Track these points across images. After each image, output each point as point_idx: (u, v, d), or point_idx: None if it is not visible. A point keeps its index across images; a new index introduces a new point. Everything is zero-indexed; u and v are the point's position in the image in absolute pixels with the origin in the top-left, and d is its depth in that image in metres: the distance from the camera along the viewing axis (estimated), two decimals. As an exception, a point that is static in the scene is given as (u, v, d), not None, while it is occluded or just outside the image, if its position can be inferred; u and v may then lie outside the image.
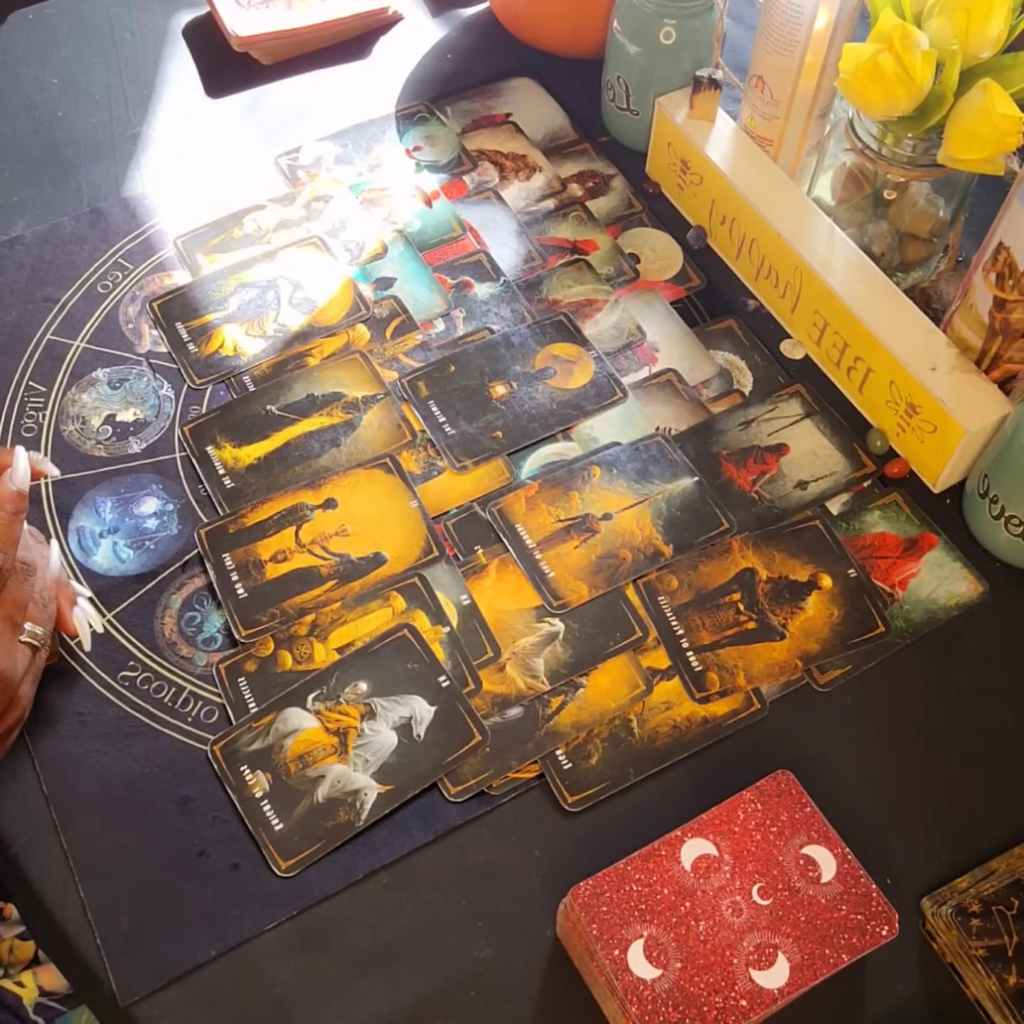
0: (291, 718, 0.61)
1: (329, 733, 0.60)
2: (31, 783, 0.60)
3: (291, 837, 0.58)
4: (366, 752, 0.59)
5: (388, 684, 0.62)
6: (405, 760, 0.59)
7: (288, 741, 0.60)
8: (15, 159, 0.85)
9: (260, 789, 0.59)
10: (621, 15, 0.79)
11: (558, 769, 0.60)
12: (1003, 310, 0.64)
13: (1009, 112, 0.61)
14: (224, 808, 0.59)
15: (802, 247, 0.72)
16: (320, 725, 0.60)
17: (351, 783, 0.59)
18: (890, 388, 0.69)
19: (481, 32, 0.95)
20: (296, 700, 0.61)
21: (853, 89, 0.64)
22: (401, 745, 0.60)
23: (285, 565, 0.66)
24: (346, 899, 0.57)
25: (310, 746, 0.60)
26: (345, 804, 0.58)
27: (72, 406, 0.73)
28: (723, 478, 0.70)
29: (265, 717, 0.61)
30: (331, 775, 0.59)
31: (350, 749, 0.60)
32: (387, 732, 0.60)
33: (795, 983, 0.49)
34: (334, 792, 0.58)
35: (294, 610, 0.64)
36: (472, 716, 0.60)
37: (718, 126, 0.79)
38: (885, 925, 0.50)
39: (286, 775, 0.59)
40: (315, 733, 0.60)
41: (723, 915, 0.50)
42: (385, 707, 0.61)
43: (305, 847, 0.57)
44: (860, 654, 0.64)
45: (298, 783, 0.59)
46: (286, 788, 0.59)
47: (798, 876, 0.51)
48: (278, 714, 0.61)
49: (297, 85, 0.91)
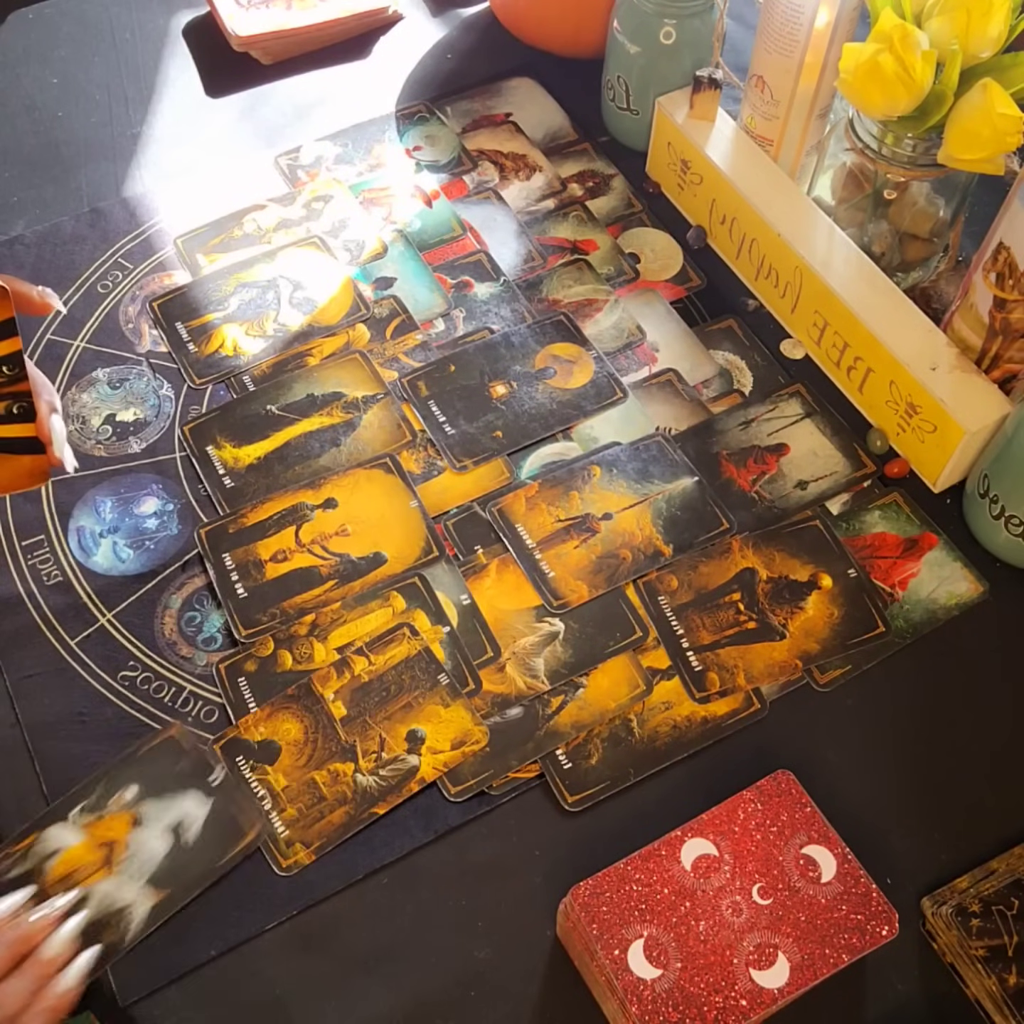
0: (52, 838, 0.57)
1: (95, 848, 0.57)
2: (31, 783, 0.60)
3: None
4: (133, 864, 0.56)
5: (159, 785, 0.59)
6: (176, 864, 0.57)
7: (50, 863, 0.56)
8: (15, 159, 0.85)
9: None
10: (621, 15, 0.79)
11: (558, 769, 0.60)
12: (1003, 310, 0.64)
13: (1009, 112, 0.61)
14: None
15: (802, 247, 0.72)
16: (86, 840, 0.57)
17: (118, 900, 0.56)
18: (890, 388, 0.69)
19: (481, 32, 0.95)
20: (59, 815, 0.58)
21: (853, 89, 0.64)
22: (172, 849, 0.57)
23: (285, 565, 0.66)
24: (346, 899, 0.57)
25: (72, 866, 0.56)
26: (110, 925, 0.55)
27: (72, 406, 0.73)
28: (723, 478, 0.70)
29: (24, 840, 0.57)
30: (96, 895, 0.56)
31: (115, 863, 0.57)
32: (155, 839, 0.57)
33: (795, 983, 0.49)
34: (98, 914, 0.55)
35: (294, 610, 0.64)
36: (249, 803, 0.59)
37: (718, 126, 0.79)
38: (885, 925, 0.50)
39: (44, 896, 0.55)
40: (79, 850, 0.57)
41: (723, 915, 0.50)
42: (153, 813, 0.58)
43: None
44: (860, 654, 0.64)
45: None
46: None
47: (798, 876, 0.51)
48: (39, 835, 0.57)
49: (297, 85, 0.91)
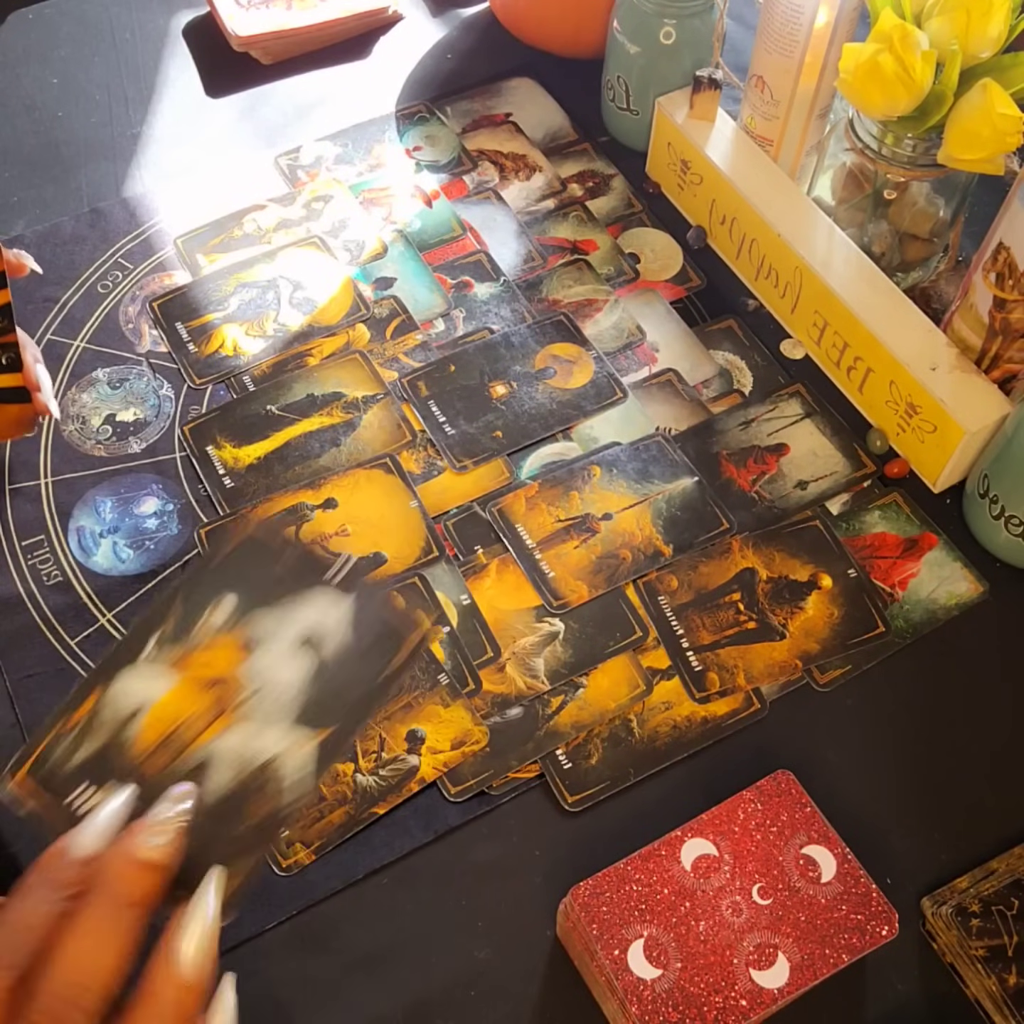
0: (125, 692, 0.41)
1: (196, 692, 0.41)
2: (31, 783, 0.60)
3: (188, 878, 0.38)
4: (264, 702, 0.41)
5: (261, 594, 0.42)
6: (326, 692, 0.41)
7: (133, 729, 0.40)
8: (15, 159, 0.85)
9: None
10: (621, 15, 0.79)
11: (558, 769, 0.60)
12: (1003, 310, 0.64)
13: (1009, 112, 0.61)
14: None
15: (802, 247, 0.72)
16: (178, 684, 0.41)
17: (259, 752, 0.40)
18: (890, 388, 0.69)
19: (481, 32, 0.95)
20: (124, 659, 0.41)
21: (853, 89, 0.64)
22: (313, 673, 0.42)
23: (285, 565, 0.66)
24: (346, 899, 0.57)
25: (169, 725, 0.40)
26: (256, 791, 0.40)
27: (72, 406, 0.73)
28: (723, 478, 0.70)
29: (81, 705, 0.41)
30: (219, 755, 0.40)
31: (234, 708, 0.41)
32: (283, 664, 0.42)
33: (795, 983, 0.49)
34: (233, 779, 0.40)
35: (294, 610, 0.64)
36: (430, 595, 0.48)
37: (718, 126, 0.79)
38: (885, 925, 0.50)
39: (145, 782, 0.39)
40: (173, 700, 0.41)
41: (723, 915, 0.50)
42: (267, 630, 0.42)
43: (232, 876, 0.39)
44: (860, 654, 0.64)
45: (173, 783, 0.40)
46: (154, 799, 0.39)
47: (798, 876, 0.51)
48: (102, 693, 0.41)
49: (297, 85, 0.91)
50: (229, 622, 0.42)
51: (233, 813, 0.40)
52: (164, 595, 0.43)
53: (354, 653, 0.42)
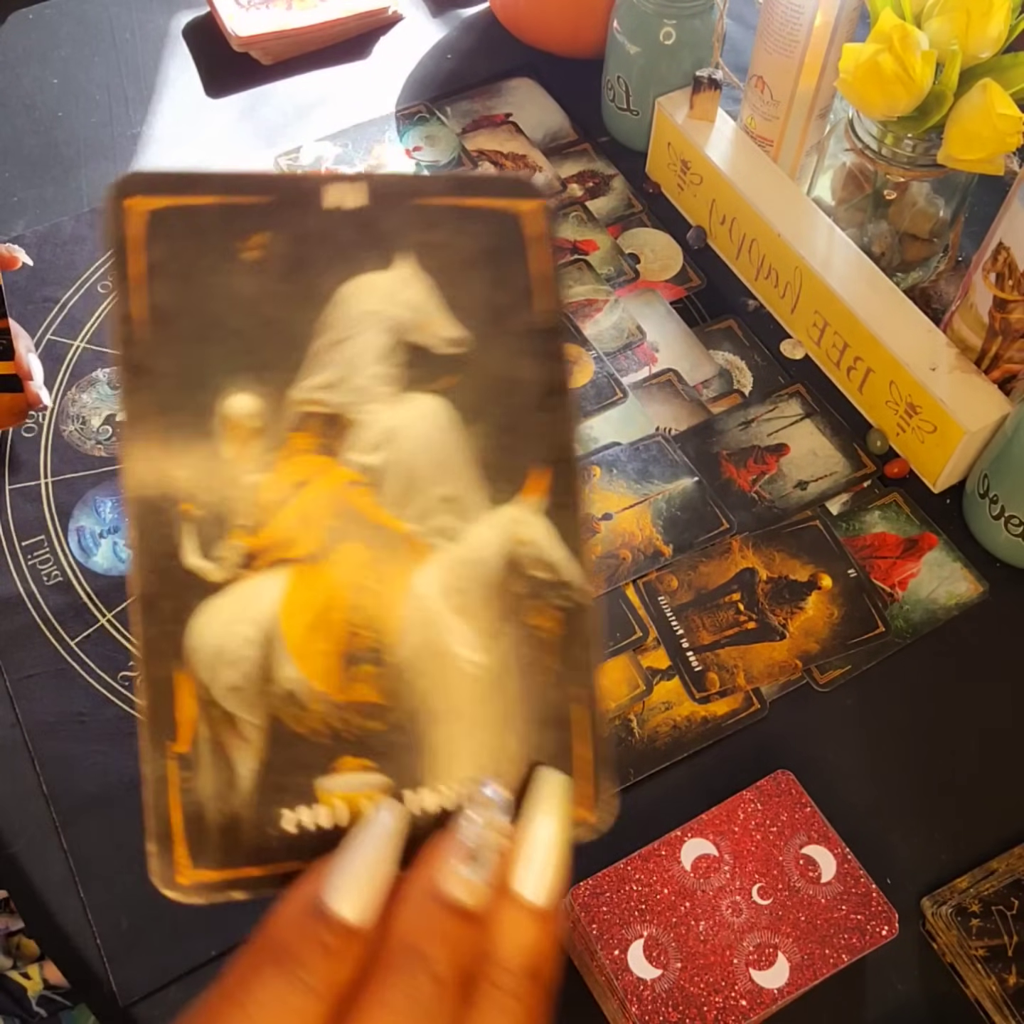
0: (225, 634, 0.28)
1: (321, 538, 0.29)
2: (31, 783, 0.60)
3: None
4: (422, 492, 0.30)
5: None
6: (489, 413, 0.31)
7: (284, 673, 0.28)
8: (15, 159, 0.85)
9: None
10: (621, 15, 0.79)
11: (558, 769, 0.60)
12: (1003, 310, 0.64)
13: (1009, 112, 0.61)
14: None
15: (802, 247, 0.72)
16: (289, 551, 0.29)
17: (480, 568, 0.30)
18: (890, 388, 0.69)
19: (481, 32, 0.95)
20: (184, 590, 0.28)
21: (853, 89, 0.64)
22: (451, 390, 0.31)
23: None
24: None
25: (329, 622, 0.29)
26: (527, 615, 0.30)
27: (72, 406, 0.73)
28: (723, 478, 0.70)
29: (176, 709, 0.28)
30: (429, 605, 0.29)
31: (391, 521, 0.30)
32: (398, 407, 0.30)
33: (795, 983, 0.49)
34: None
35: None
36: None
37: (718, 126, 0.79)
38: (885, 925, 0.50)
39: (367, 743, 0.29)
40: (304, 584, 0.29)
41: (723, 915, 0.50)
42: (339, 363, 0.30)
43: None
44: (860, 654, 0.64)
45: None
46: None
47: (798, 876, 0.51)
48: (191, 663, 0.28)
49: (297, 85, 0.91)
50: (259, 410, 0.29)
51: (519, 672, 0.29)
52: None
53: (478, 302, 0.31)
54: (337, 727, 0.28)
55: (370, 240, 0.30)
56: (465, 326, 0.31)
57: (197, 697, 0.28)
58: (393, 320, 0.30)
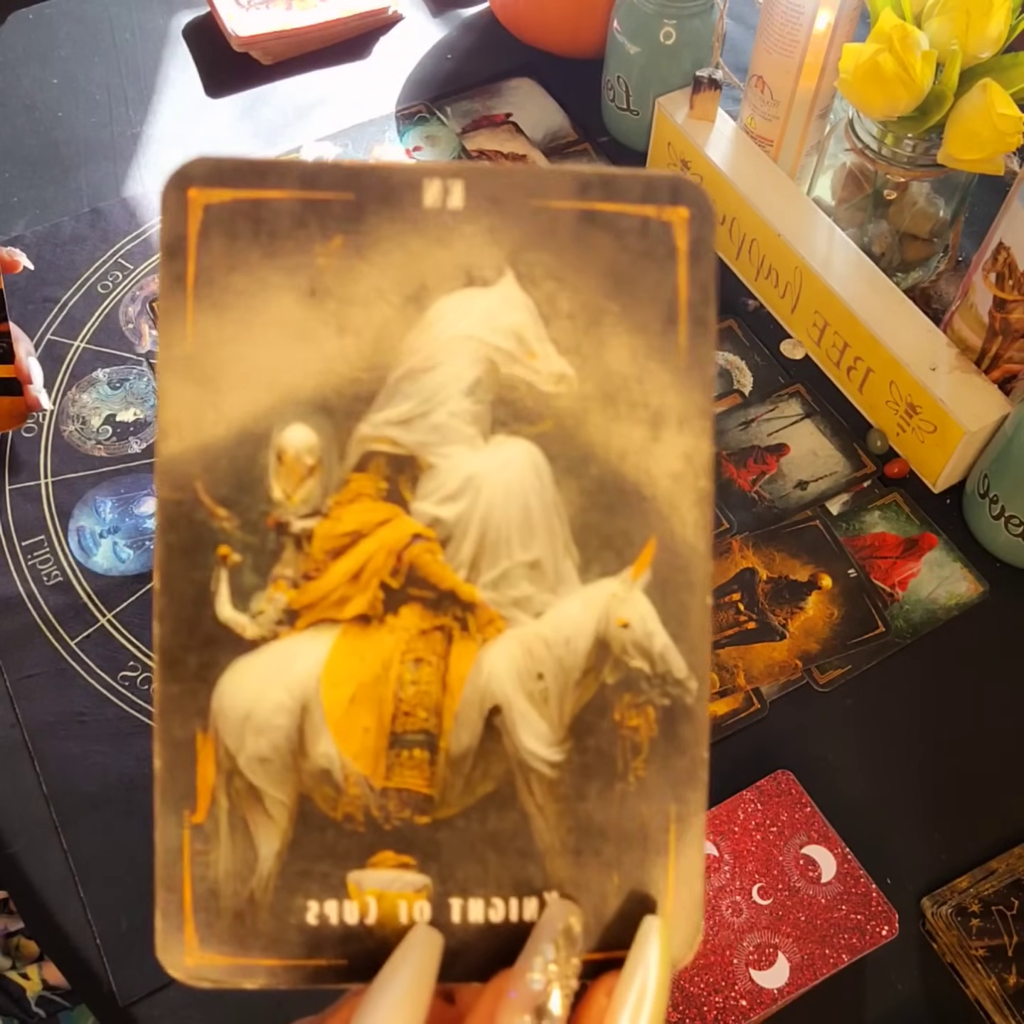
0: (258, 697, 0.26)
1: (372, 601, 0.26)
2: (31, 783, 0.60)
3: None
4: (503, 558, 0.26)
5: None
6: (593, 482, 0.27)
7: (320, 749, 0.26)
8: (15, 159, 0.85)
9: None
10: (621, 15, 0.79)
11: (558, 769, 0.60)
12: (1003, 310, 0.64)
13: (1009, 112, 0.61)
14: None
15: (802, 247, 0.72)
16: (339, 612, 0.26)
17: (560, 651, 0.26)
18: (890, 388, 0.69)
19: (481, 32, 0.95)
20: (215, 644, 0.25)
21: (853, 89, 0.64)
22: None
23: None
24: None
25: (379, 696, 0.26)
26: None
27: (72, 406, 0.73)
28: (723, 478, 0.70)
29: (197, 777, 0.26)
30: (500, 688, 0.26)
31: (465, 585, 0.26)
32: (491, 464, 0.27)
33: (795, 983, 0.49)
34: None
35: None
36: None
37: (718, 126, 0.79)
38: (885, 925, 0.50)
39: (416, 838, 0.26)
40: (353, 649, 0.26)
41: (723, 915, 0.50)
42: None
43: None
44: (860, 654, 0.64)
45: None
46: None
47: (798, 876, 0.51)
48: (216, 729, 0.26)
49: (297, 85, 0.91)
50: (319, 444, 0.26)
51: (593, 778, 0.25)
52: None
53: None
54: (376, 816, 0.25)
55: (473, 249, 0.26)
56: (573, 360, 0.26)
57: (218, 764, 0.25)
58: (489, 347, 0.26)
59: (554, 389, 0.26)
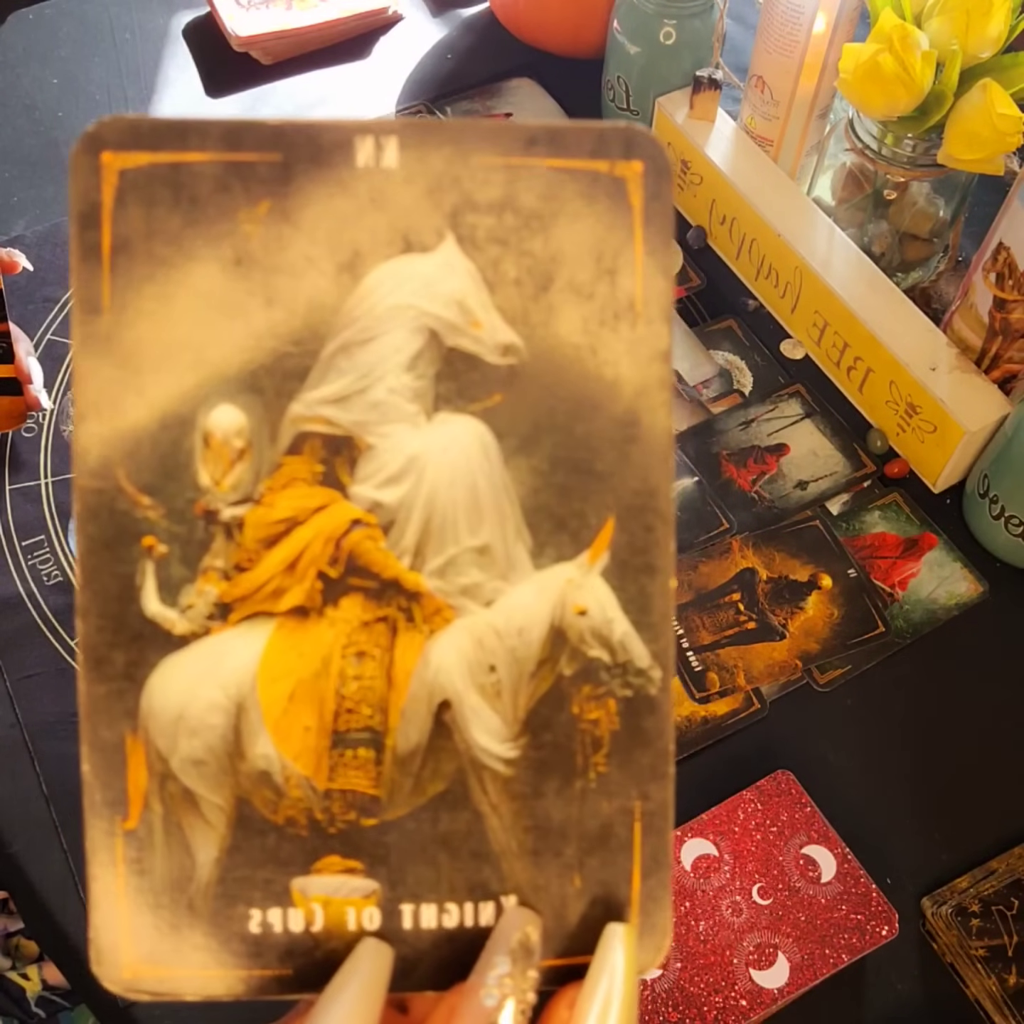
0: (190, 694, 0.25)
1: (311, 591, 0.25)
2: (31, 783, 0.60)
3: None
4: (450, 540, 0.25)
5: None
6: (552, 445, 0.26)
7: (257, 748, 0.25)
8: (15, 159, 0.85)
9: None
10: (621, 15, 0.79)
11: (558, 769, 0.60)
12: (1003, 310, 0.64)
13: (1009, 112, 0.61)
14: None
15: (802, 247, 0.72)
16: (276, 602, 0.25)
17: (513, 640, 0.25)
18: (890, 388, 0.69)
19: (481, 32, 0.95)
20: (141, 641, 0.24)
21: (853, 89, 0.64)
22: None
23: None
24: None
25: (321, 687, 0.25)
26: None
27: (72, 406, 0.73)
28: (723, 478, 0.70)
29: (128, 781, 0.24)
30: (448, 681, 0.25)
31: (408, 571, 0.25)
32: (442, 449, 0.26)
33: (795, 983, 0.49)
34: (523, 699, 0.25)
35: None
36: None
37: (718, 126, 0.79)
38: (885, 925, 0.50)
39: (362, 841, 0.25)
40: (292, 641, 0.25)
41: (723, 915, 0.50)
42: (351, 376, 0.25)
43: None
44: (860, 654, 0.64)
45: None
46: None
47: (798, 876, 0.51)
48: (146, 730, 0.25)
49: (297, 85, 0.91)
50: (249, 425, 0.24)
51: (556, 772, 0.24)
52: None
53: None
54: (320, 819, 0.24)
55: (410, 211, 0.24)
56: (521, 330, 0.24)
57: (150, 768, 0.24)
58: (430, 317, 0.24)
59: (501, 361, 0.24)
